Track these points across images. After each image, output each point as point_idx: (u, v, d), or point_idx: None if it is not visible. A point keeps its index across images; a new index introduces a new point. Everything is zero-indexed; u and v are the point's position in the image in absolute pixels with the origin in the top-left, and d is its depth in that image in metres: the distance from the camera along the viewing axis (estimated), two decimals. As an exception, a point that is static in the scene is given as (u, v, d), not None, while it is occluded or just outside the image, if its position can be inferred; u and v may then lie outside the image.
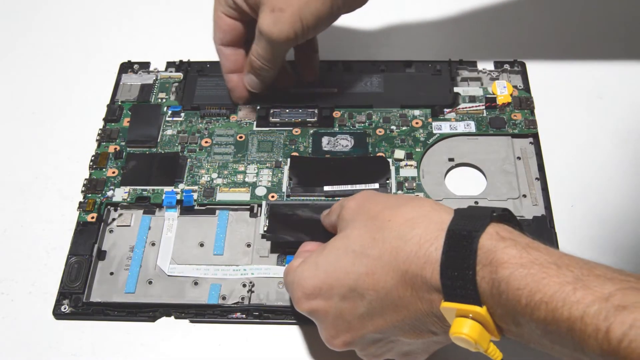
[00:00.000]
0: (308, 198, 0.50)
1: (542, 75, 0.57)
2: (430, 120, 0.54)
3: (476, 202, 0.50)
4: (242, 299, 0.46)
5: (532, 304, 0.27)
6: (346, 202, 0.38)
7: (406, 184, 0.50)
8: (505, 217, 0.32)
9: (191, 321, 0.46)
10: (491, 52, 0.60)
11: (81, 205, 0.50)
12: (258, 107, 0.56)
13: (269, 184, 0.51)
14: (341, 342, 0.36)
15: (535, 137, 0.53)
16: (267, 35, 0.47)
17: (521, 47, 0.61)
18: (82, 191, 0.51)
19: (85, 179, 0.52)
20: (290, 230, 0.47)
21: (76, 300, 0.46)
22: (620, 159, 0.53)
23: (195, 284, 0.47)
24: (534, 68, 0.58)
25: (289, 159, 0.52)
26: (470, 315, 0.29)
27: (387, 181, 0.50)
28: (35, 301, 0.47)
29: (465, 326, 0.29)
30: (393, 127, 0.54)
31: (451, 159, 0.52)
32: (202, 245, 0.49)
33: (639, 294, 0.25)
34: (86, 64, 0.62)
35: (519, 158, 0.52)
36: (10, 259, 0.50)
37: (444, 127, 0.54)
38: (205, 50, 0.59)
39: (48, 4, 0.68)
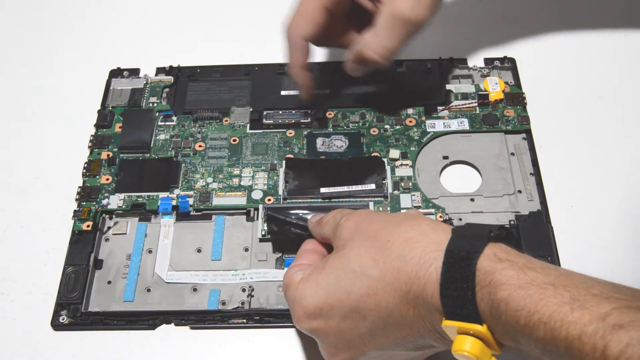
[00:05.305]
0: (305, 201, 0.50)
1: (531, 71, 0.57)
2: (423, 118, 0.54)
3: (472, 200, 0.50)
4: (242, 303, 0.46)
5: (530, 324, 0.28)
6: (343, 220, 0.38)
7: (402, 184, 0.50)
8: (501, 235, 0.32)
9: (192, 328, 0.46)
10: (481, 49, 0.59)
11: (76, 214, 0.50)
12: (250, 110, 0.55)
13: (265, 187, 0.51)
14: None
15: (528, 132, 0.53)
16: (407, 18, 0.45)
17: (511, 44, 0.60)
18: (76, 199, 0.51)
19: (79, 187, 0.52)
20: (289, 225, 0.47)
21: (74, 310, 0.46)
22: (612, 150, 0.53)
23: (194, 290, 0.47)
24: (522, 64, 0.58)
25: (284, 162, 0.52)
26: (471, 332, 0.30)
27: (383, 181, 0.50)
28: (35, 301, 0.47)
29: (467, 343, 0.30)
30: (387, 127, 0.54)
31: (445, 157, 0.52)
32: (199, 251, 0.49)
33: (635, 312, 0.26)
34: (75, 72, 0.61)
35: (512, 154, 0.52)
36: (10, 259, 0.50)
37: (438, 125, 0.54)
38: (194, 56, 0.58)
39: (35, 13, 0.67)
